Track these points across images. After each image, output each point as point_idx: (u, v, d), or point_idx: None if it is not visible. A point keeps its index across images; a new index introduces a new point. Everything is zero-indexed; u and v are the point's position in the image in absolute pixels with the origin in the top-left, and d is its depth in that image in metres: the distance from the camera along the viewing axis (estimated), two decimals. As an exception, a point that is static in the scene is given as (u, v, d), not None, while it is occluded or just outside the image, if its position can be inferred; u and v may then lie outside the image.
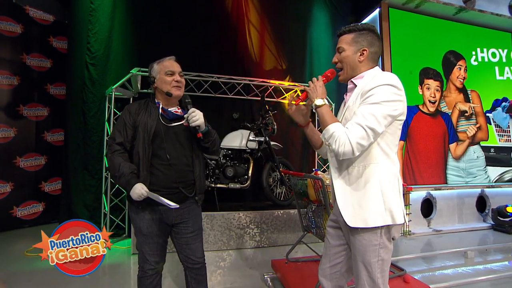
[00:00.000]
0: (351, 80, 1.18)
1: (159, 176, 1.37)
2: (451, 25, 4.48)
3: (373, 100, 1.02)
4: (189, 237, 1.46)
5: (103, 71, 3.37)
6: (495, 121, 4.61)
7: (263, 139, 3.30)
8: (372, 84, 1.06)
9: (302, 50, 4.30)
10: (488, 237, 3.75)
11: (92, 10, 3.32)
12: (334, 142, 1.04)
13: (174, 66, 1.47)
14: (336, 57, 1.19)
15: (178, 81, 1.45)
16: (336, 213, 1.22)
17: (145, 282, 1.42)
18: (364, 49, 1.13)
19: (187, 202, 1.46)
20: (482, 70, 4.63)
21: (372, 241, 1.06)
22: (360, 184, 1.08)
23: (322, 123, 1.11)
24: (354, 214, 1.07)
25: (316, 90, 1.13)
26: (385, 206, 1.05)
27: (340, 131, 1.04)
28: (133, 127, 1.38)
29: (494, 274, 2.43)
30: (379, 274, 1.06)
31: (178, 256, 1.52)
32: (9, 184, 3.65)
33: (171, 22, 3.68)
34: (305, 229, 2.30)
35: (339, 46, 1.17)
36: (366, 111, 1.01)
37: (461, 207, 4.25)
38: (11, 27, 3.73)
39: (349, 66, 1.16)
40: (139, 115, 1.40)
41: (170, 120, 1.43)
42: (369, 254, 1.06)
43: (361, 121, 1.00)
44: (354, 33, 1.14)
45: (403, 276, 2.04)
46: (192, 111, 1.37)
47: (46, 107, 4.05)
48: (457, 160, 4.29)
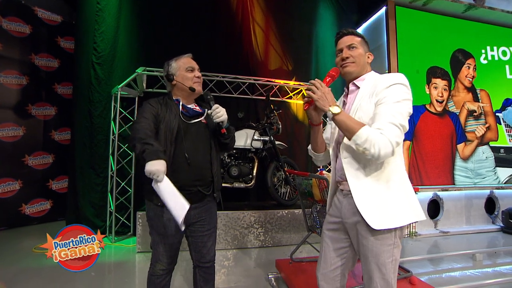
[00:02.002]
0: (353, 82, 1.20)
1: (179, 174, 1.33)
2: (459, 23, 4.39)
3: (395, 99, 1.03)
4: (204, 235, 1.46)
5: (109, 70, 3.40)
6: (505, 121, 4.51)
7: (268, 139, 3.30)
8: (385, 83, 1.06)
9: (308, 49, 4.28)
10: (498, 239, 3.67)
11: (99, 10, 3.35)
12: (372, 146, 0.98)
13: (193, 62, 1.46)
14: (348, 53, 1.18)
15: (199, 77, 1.45)
16: (337, 215, 1.20)
17: (155, 281, 1.41)
18: (370, 53, 1.22)
19: (205, 201, 1.44)
20: (492, 68, 4.53)
21: (387, 241, 1.04)
22: (381, 184, 1.07)
23: (347, 129, 1.03)
24: (380, 215, 1.04)
25: (326, 97, 1.07)
26: (410, 203, 1.06)
27: (375, 133, 0.99)
28: (156, 116, 1.35)
29: (504, 278, 2.37)
30: (392, 274, 1.04)
31: (190, 254, 1.51)
32: (18, 182, 3.72)
33: (176, 21, 3.70)
34: (309, 229, 2.28)
35: (352, 43, 1.18)
36: (394, 110, 1.01)
37: (469, 209, 4.17)
38: (20, 27, 3.80)
39: (360, 64, 1.18)
40: (161, 110, 1.38)
41: (190, 117, 1.43)
42: (383, 255, 1.04)
43: (393, 120, 1.00)
44: (361, 38, 1.22)
45: (409, 278, 2.01)
46: (216, 107, 1.36)
47: (54, 106, 4.11)
48: (465, 161, 4.21)
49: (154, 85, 3.52)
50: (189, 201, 1.30)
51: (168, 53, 1.58)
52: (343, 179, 1.15)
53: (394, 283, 1.04)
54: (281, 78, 3.98)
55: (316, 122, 1.23)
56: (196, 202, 1.41)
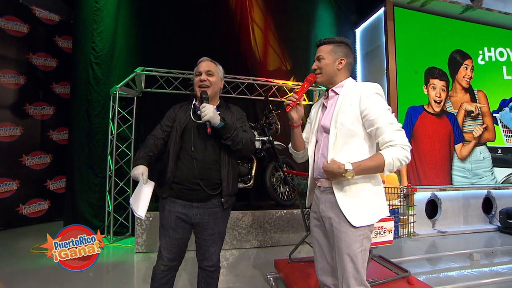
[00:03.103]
0: (332, 89, 1.31)
1: (183, 169, 1.41)
2: (457, 24, 4.42)
3: (383, 108, 1.18)
4: (207, 239, 1.45)
5: (107, 70, 3.39)
6: (502, 121, 4.54)
7: (266, 139, 3.30)
8: (367, 92, 1.20)
9: (306, 50, 4.28)
10: (495, 239, 3.69)
11: (97, 10, 3.34)
12: (401, 161, 1.12)
13: (201, 66, 1.50)
14: (316, 64, 1.32)
15: (202, 80, 1.47)
16: (316, 210, 1.32)
17: (156, 277, 1.43)
18: (342, 59, 1.29)
19: (209, 203, 1.43)
20: (490, 69, 4.55)
21: (358, 233, 1.17)
22: (362, 186, 1.20)
23: (375, 170, 1.16)
24: (361, 214, 1.17)
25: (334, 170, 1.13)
26: (380, 204, 1.24)
27: (393, 151, 1.13)
28: (172, 120, 1.50)
29: (501, 277, 2.39)
30: (361, 263, 1.16)
31: (196, 253, 1.52)
32: (15, 182, 3.70)
33: (175, 21, 3.69)
34: (308, 229, 2.28)
35: (319, 54, 1.31)
36: (389, 118, 1.17)
37: (466, 209, 4.19)
38: (18, 27, 3.78)
39: (327, 73, 1.29)
40: (179, 111, 1.52)
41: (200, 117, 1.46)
42: (355, 245, 1.16)
43: (395, 126, 1.16)
44: (332, 45, 1.30)
45: (407, 278, 2.02)
46: (202, 106, 1.36)
47: (52, 106, 4.09)
48: (462, 161, 4.23)
49: (153, 85, 3.52)
50: (189, 198, 1.42)
51: (166, 53, 1.59)
52: (321, 177, 1.28)
53: (363, 272, 1.17)
54: (279, 78, 3.98)
55: (297, 123, 1.38)
56: (198, 201, 1.42)
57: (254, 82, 3.80)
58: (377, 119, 1.16)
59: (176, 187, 1.42)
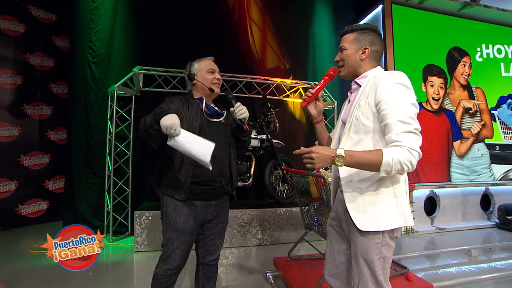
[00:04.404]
0: (355, 80, 1.18)
1: (204, 169, 1.30)
2: (455, 21, 4.42)
3: (399, 104, 0.99)
4: (216, 233, 1.49)
5: (105, 69, 3.38)
6: (500, 118, 4.56)
7: (265, 137, 3.30)
8: (384, 83, 1.03)
9: (305, 48, 4.28)
10: (493, 235, 3.72)
11: (94, 9, 3.32)
12: (402, 165, 0.95)
13: (214, 65, 1.52)
14: (339, 55, 1.20)
15: (219, 79, 1.51)
16: (337, 212, 1.21)
17: (161, 281, 1.38)
18: (366, 48, 1.14)
19: (223, 199, 1.49)
20: (487, 66, 4.56)
21: (375, 240, 1.05)
22: (372, 186, 1.06)
23: (369, 166, 0.98)
24: (366, 218, 1.05)
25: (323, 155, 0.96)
26: (398, 208, 1.05)
27: (396, 152, 0.95)
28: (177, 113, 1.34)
29: (499, 273, 2.40)
30: (380, 271, 1.05)
31: (196, 250, 1.51)
32: (14, 182, 3.69)
33: (173, 20, 3.68)
34: (307, 227, 2.29)
35: (342, 45, 1.19)
36: (403, 115, 0.98)
37: (465, 205, 4.21)
38: (14, 26, 3.76)
39: (350, 64, 1.16)
40: (182, 108, 1.40)
41: (211, 115, 1.47)
42: (371, 252, 1.05)
43: (407, 127, 0.97)
44: (356, 32, 1.16)
45: (406, 274, 2.03)
46: (239, 105, 1.43)
47: (50, 105, 4.07)
48: (461, 158, 4.25)
49: (151, 84, 3.51)
50: (211, 197, 1.39)
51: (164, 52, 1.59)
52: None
53: (383, 279, 1.05)
54: (278, 77, 3.98)
55: (317, 119, 1.27)
56: (216, 199, 1.45)
57: (252, 80, 3.80)
58: (388, 115, 0.99)
59: (196, 188, 1.36)
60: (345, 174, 1.11)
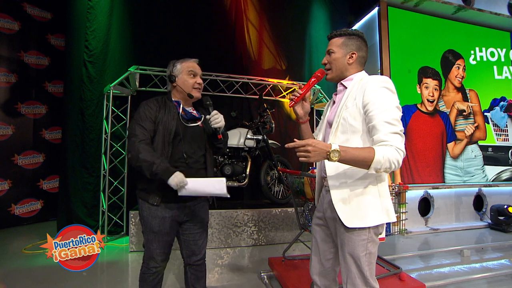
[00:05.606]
0: (341, 82, 1.23)
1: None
2: (450, 24, 4.48)
3: (386, 106, 1.05)
4: (196, 233, 1.48)
5: (101, 68, 3.36)
6: (493, 120, 4.62)
7: (261, 138, 3.31)
8: (371, 86, 1.08)
9: (301, 49, 4.30)
10: (485, 235, 3.77)
11: (90, 8, 3.30)
12: (391, 163, 0.99)
13: (196, 67, 1.49)
14: (326, 58, 1.24)
15: (200, 84, 1.49)
16: (323, 210, 1.24)
17: (148, 279, 1.42)
18: (353, 53, 1.19)
19: (198, 199, 1.49)
20: (481, 69, 4.63)
21: (361, 236, 1.09)
22: (357, 184, 1.11)
23: (362, 163, 1.00)
24: (352, 215, 1.09)
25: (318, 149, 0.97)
26: (382, 206, 1.10)
27: (386, 150, 0.99)
28: (153, 122, 1.37)
29: (490, 272, 2.44)
30: (367, 267, 1.09)
31: (180, 252, 1.52)
32: (7, 182, 3.65)
33: (169, 20, 3.67)
34: (302, 227, 2.30)
35: (330, 48, 1.23)
36: (390, 117, 1.03)
37: (458, 206, 4.26)
38: (9, 24, 3.73)
39: (338, 68, 1.21)
40: (159, 112, 1.39)
41: (188, 120, 1.46)
42: (358, 249, 1.09)
43: (394, 129, 1.02)
44: (344, 37, 1.20)
45: (399, 274, 2.05)
46: (215, 113, 1.42)
47: (44, 104, 4.04)
48: (455, 159, 4.30)
49: (147, 84, 3.50)
50: (183, 200, 1.37)
51: (161, 52, 1.59)
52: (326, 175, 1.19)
53: (369, 275, 1.09)
54: (274, 78, 3.99)
55: (303, 119, 1.31)
56: (190, 201, 1.44)
57: (248, 81, 3.81)
58: (376, 116, 1.03)
59: (169, 193, 1.33)
60: (332, 173, 1.15)
